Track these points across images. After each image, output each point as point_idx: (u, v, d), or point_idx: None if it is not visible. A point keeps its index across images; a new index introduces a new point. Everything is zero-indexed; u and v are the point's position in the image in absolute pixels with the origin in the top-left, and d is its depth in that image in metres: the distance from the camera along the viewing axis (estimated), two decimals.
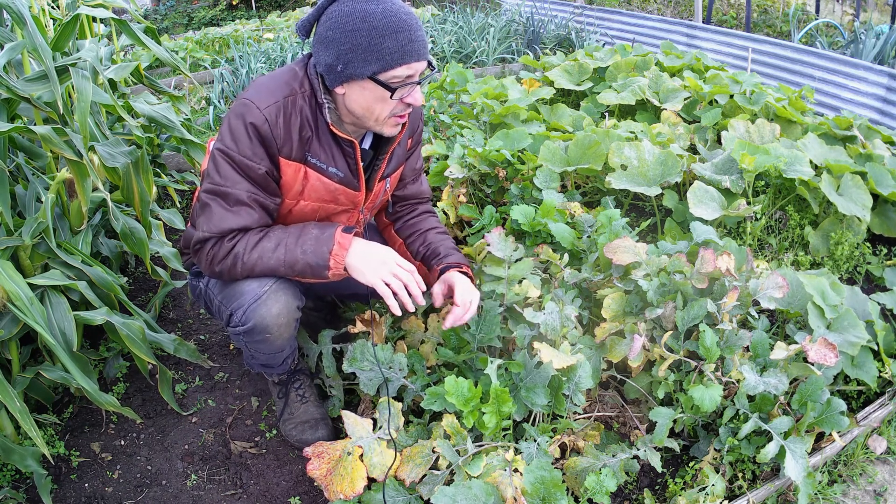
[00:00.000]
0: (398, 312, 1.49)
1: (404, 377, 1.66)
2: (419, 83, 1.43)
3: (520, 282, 1.79)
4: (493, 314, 1.68)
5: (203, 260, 1.50)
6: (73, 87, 1.74)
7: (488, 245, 1.83)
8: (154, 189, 2.47)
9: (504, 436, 1.54)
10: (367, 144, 1.63)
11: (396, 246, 1.84)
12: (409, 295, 1.50)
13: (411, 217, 1.85)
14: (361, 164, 1.56)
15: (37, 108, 1.75)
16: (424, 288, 1.54)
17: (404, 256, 1.77)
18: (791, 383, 1.71)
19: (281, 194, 1.53)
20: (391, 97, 1.41)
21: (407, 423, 1.66)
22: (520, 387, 1.56)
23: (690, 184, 2.42)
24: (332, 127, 1.47)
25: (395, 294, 1.48)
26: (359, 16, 1.34)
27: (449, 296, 1.66)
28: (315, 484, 1.68)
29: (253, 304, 1.49)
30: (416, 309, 1.59)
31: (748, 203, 2.45)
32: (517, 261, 1.82)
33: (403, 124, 1.58)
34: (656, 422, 1.56)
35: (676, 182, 2.49)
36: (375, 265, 1.48)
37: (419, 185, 1.87)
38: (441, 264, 1.70)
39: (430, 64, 1.45)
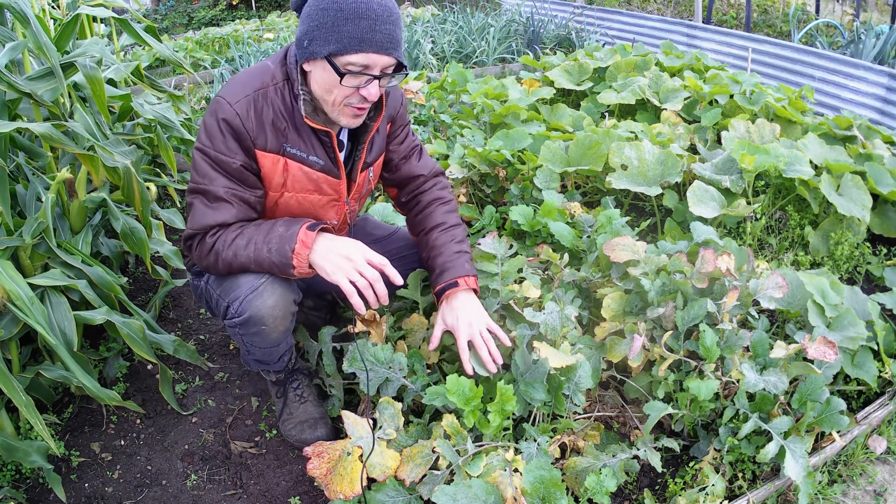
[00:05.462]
0: (362, 311, 1.45)
1: (404, 377, 1.66)
2: (378, 77, 1.39)
3: (519, 282, 1.78)
4: (489, 313, 1.68)
5: (192, 257, 1.57)
6: (76, 83, 1.75)
7: (479, 245, 1.81)
8: (154, 189, 2.47)
9: (504, 436, 1.54)
10: (345, 136, 1.64)
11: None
12: (376, 293, 1.46)
13: (419, 212, 1.79)
14: (340, 154, 1.57)
15: (37, 106, 1.75)
16: (401, 281, 1.50)
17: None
18: (791, 383, 1.71)
19: (263, 187, 1.54)
20: (340, 82, 1.38)
21: (407, 423, 1.66)
22: (518, 382, 1.56)
23: (690, 184, 2.42)
24: (306, 119, 1.47)
25: (360, 292, 1.44)
26: None
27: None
28: (315, 484, 1.68)
29: (249, 295, 1.50)
30: (382, 307, 1.54)
31: (748, 203, 2.45)
32: (510, 257, 1.81)
33: (379, 114, 1.57)
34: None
35: (676, 182, 2.49)
36: (340, 263, 1.44)
37: (412, 164, 1.79)
38: (438, 284, 1.64)
39: (401, 64, 1.42)
